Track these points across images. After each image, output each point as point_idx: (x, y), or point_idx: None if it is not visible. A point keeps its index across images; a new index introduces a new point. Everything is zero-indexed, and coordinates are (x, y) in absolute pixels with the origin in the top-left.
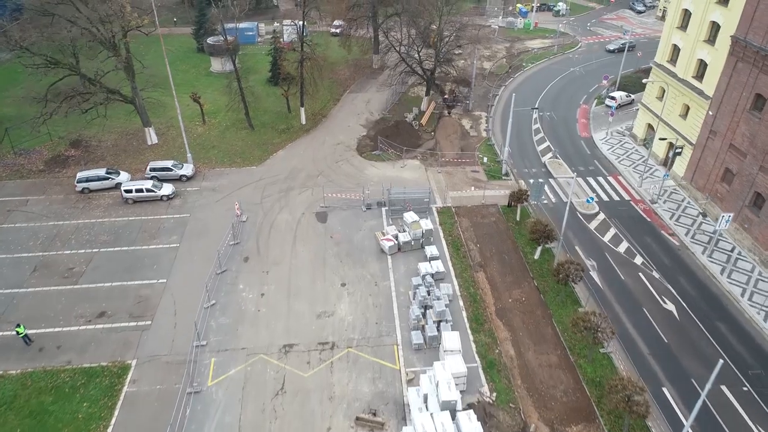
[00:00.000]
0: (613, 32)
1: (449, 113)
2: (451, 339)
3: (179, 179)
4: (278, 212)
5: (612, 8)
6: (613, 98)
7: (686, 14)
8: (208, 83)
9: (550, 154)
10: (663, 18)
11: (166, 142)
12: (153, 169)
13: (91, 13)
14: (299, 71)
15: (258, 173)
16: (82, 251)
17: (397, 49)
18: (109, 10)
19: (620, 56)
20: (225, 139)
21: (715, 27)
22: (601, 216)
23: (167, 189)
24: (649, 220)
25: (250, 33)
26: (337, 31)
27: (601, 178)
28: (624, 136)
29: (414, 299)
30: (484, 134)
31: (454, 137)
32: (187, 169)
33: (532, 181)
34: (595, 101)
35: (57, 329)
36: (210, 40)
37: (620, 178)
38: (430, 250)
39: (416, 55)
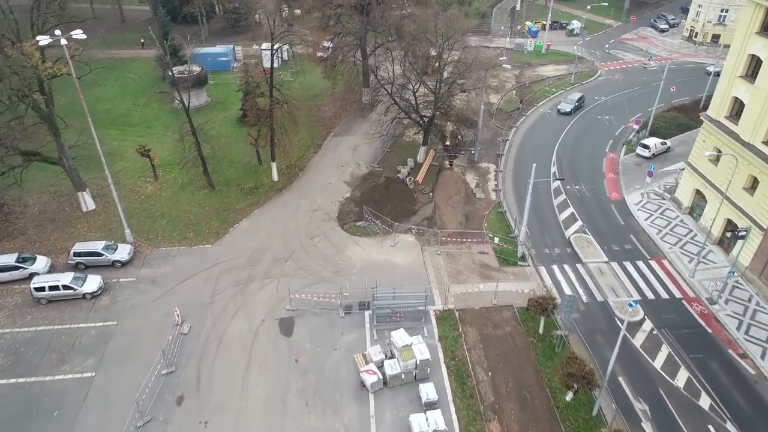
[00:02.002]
0: (636, 55)
1: (451, 164)
2: None
3: (112, 265)
4: (231, 318)
5: (631, 26)
6: (646, 147)
7: (755, 62)
8: (170, 121)
9: (575, 226)
10: (690, 39)
11: (108, 206)
12: (77, 254)
13: None
14: (269, 121)
15: (212, 255)
16: None
17: (388, 90)
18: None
19: (646, 87)
20: (178, 203)
21: None
22: (648, 325)
23: (93, 283)
24: (710, 331)
25: (224, 59)
26: (324, 55)
27: (641, 263)
28: (664, 199)
29: None
30: (493, 195)
31: (457, 199)
32: (123, 253)
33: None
34: (624, 148)
35: None
36: (174, 70)
37: (665, 262)
38: (427, 390)
39: (411, 98)
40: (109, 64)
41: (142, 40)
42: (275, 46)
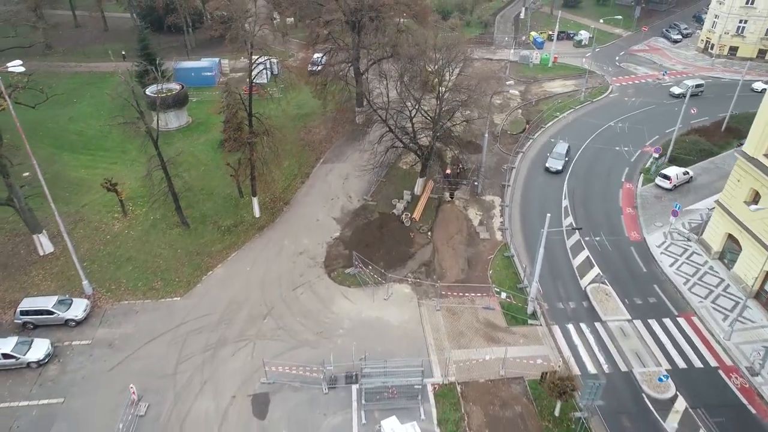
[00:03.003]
0: (649, 69)
1: (452, 197)
2: None
3: (65, 324)
4: (197, 394)
5: (642, 36)
6: (666, 177)
7: None
8: (147, 146)
9: (592, 274)
10: (706, 51)
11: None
12: (25, 313)
13: None
14: (249, 153)
15: (181, 311)
16: None
17: (382, 116)
18: None
19: (661, 105)
20: (147, 245)
21: None
22: (681, 403)
23: (39, 350)
24: (753, 412)
25: (209, 74)
26: (317, 68)
27: (668, 321)
28: (690, 240)
29: None
30: (498, 235)
31: (458, 240)
32: (78, 309)
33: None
34: (642, 177)
35: None
36: (150, 90)
37: (696, 320)
38: None
39: (408, 124)
40: (88, 78)
41: (123, 53)
42: (260, 61)
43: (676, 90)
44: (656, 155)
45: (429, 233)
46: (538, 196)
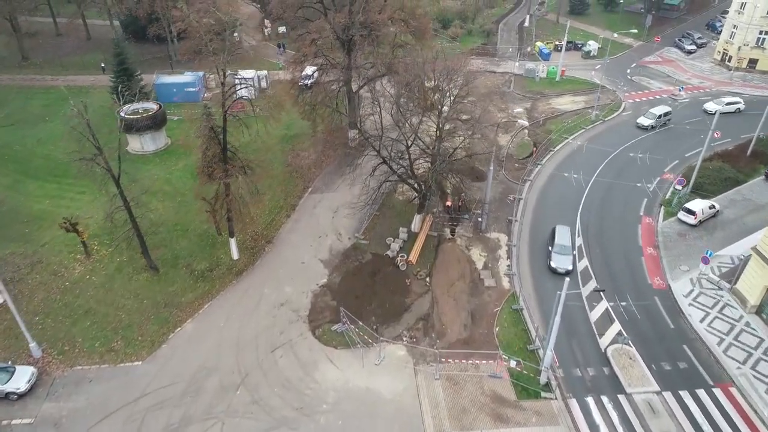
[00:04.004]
0: (663, 84)
1: (453, 233)
2: None
3: (6, 398)
4: None
5: (654, 46)
6: (690, 212)
7: None
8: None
9: (612, 332)
10: (722, 63)
11: (22, 298)
12: None
13: None
14: (223, 190)
15: (141, 379)
16: None
17: (376, 147)
18: None
19: (678, 124)
20: (110, 294)
21: None
22: None
23: None
24: None
25: (192, 89)
26: (308, 83)
27: (702, 393)
28: (721, 289)
29: None
30: (505, 282)
31: (460, 287)
32: (20, 380)
33: None
34: (662, 210)
35: None
36: (125, 111)
37: (734, 392)
38: None
39: (405, 153)
40: (64, 93)
41: (103, 65)
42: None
43: (645, 121)
44: (679, 187)
45: (427, 279)
46: (549, 233)
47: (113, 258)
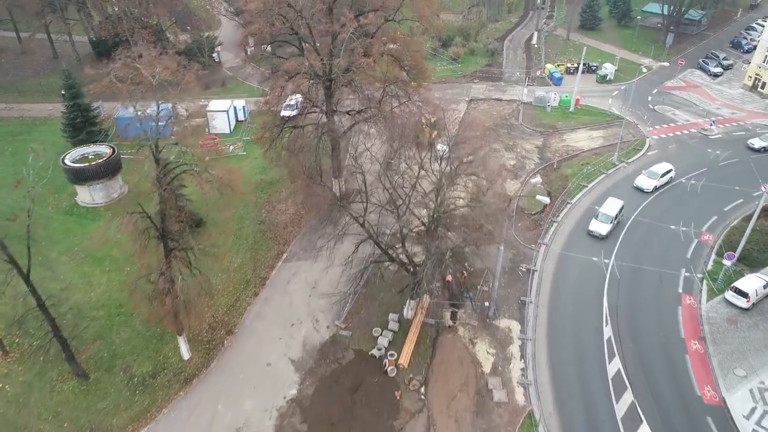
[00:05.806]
0: (690, 115)
1: (454, 318)
2: None
3: None
4: None
5: (676, 68)
6: (743, 294)
7: None
8: (63, 233)
9: None
10: (754, 89)
11: None
12: None
13: None
14: (164, 288)
15: None
16: None
17: (361, 222)
18: None
19: (712, 168)
20: (23, 413)
21: None
22: None
23: None
24: None
25: (159, 123)
26: (291, 114)
27: None
28: None
29: None
30: (519, 394)
31: (464, 402)
32: None
33: None
34: (705, 287)
35: None
36: (69, 158)
37: None
38: None
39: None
40: (14, 127)
41: (63, 92)
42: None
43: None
44: (728, 262)
45: (422, 390)
46: (571, 321)
47: (37, 356)
